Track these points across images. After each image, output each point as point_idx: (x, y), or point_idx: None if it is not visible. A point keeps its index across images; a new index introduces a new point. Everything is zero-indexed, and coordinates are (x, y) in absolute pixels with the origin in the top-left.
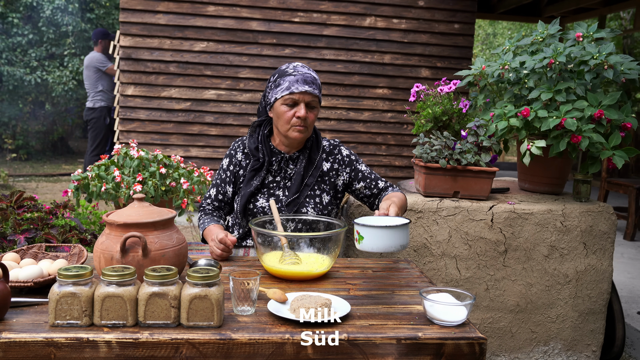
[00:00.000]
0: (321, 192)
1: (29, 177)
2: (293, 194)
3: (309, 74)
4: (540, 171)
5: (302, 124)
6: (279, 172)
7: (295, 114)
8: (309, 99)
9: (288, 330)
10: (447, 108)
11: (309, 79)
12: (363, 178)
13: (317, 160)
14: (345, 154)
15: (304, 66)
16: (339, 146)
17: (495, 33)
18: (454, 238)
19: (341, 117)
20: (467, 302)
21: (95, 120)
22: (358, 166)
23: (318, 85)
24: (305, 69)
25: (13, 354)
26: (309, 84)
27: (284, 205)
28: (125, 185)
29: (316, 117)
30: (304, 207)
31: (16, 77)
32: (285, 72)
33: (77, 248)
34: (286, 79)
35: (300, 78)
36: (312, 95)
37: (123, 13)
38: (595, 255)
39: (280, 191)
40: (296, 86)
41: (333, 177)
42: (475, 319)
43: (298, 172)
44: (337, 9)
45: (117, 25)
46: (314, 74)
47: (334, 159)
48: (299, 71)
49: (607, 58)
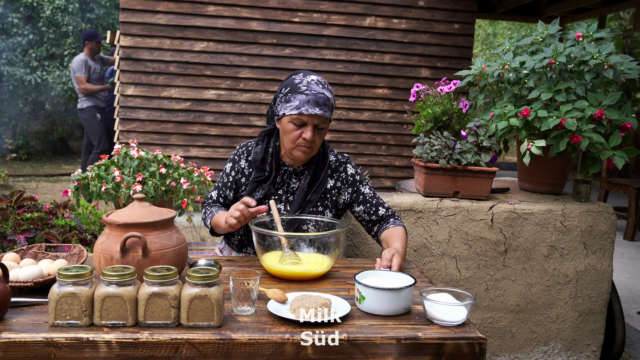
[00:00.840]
0: (324, 208)
1: (29, 177)
2: (294, 210)
3: (322, 95)
4: (540, 171)
5: (308, 145)
6: (282, 186)
7: (302, 134)
8: (317, 122)
9: (288, 330)
10: (447, 108)
11: (322, 100)
12: (364, 202)
13: (322, 177)
14: (350, 173)
15: (319, 82)
16: (345, 163)
17: (495, 33)
18: (454, 238)
19: (341, 117)
20: (467, 302)
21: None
22: (361, 188)
23: (330, 105)
24: (319, 87)
25: (13, 354)
26: (321, 106)
27: (284, 221)
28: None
29: (323, 137)
30: (305, 224)
31: (16, 77)
32: (297, 89)
33: (77, 248)
34: (297, 97)
35: (312, 99)
36: (322, 118)
37: (123, 13)
38: (595, 255)
39: (282, 205)
40: (306, 107)
41: (335, 195)
42: (475, 319)
43: (302, 188)
44: (337, 9)
45: (117, 25)
46: (329, 94)
47: (339, 176)
48: (312, 90)
49: (607, 58)
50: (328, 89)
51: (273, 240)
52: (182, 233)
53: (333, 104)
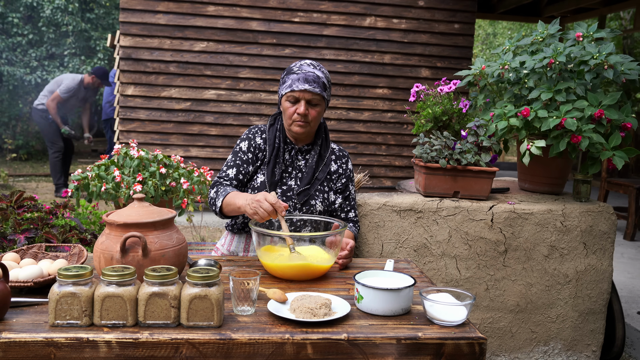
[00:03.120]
0: (329, 189)
1: (29, 177)
2: (305, 184)
3: (311, 73)
4: (540, 171)
5: (303, 119)
6: (291, 163)
7: (297, 110)
8: (309, 97)
9: (288, 330)
10: (447, 108)
11: (311, 77)
12: (346, 198)
13: (327, 158)
14: (350, 168)
15: (310, 64)
16: (347, 157)
17: (495, 33)
18: (454, 238)
19: (341, 117)
20: (467, 302)
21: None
22: (349, 185)
23: (321, 83)
24: (310, 68)
25: (13, 354)
26: (310, 82)
27: (294, 193)
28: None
29: (319, 113)
30: (313, 199)
31: (16, 77)
32: (291, 70)
33: (77, 248)
34: (290, 77)
35: (302, 77)
36: (312, 93)
37: (123, 13)
38: (595, 255)
39: (292, 181)
40: (297, 84)
41: (336, 179)
42: (475, 319)
43: (310, 165)
44: (337, 9)
45: (117, 25)
46: (319, 72)
47: (341, 165)
48: (302, 70)
49: (607, 58)
50: (320, 69)
51: (273, 240)
52: (182, 233)
53: (325, 83)
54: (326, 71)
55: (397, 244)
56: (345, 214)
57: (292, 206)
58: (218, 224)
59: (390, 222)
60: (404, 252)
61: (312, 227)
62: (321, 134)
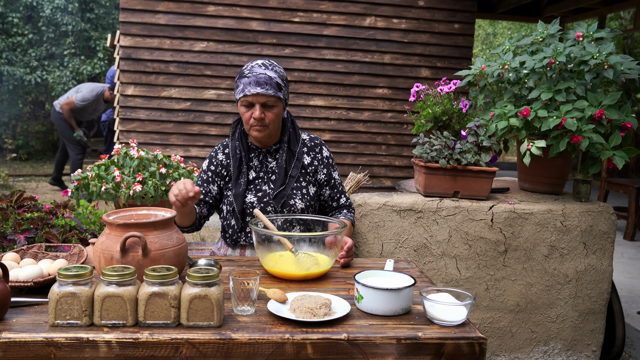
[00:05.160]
0: (307, 184)
1: (29, 177)
2: (279, 186)
3: (262, 75)
4: (540, 171)
5: (259, 124)
6: (261, 168)
7: (252, 114)
8: (263, 100)
9: (288, 330)
10: (447, 108)
11: (262, 79)
12: (333, 186)
13: (298, 153)
14: (325, 155)
15: (262, 65)
16: (320, 145)
17: (495, 33)
18: (454, 238)
19: (341, 117)
20: (467, 302)
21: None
22: (332, 172)
23: (274, 84)
24: (262, 69)
25: (13, 353)
26: (262, 85)
27: (271, 198)
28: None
29: (277, 114)
30: (291, 199)
31: (16, 77)
32: (242, 74)
33: (77, 248)
34: (242, 81)
35: (253, 80)
36: (265, 96)
37: (123, 13)
38: (595, 255)
39: (266, 185)
40: (249, 88)
41: (313, 172)
42: (475, 319)
43: (280, 165)
44: (337, 9)
45: (117, 25)
46: (271, 73)
47: (315, 155)
48: (253, 72)
49: (607, 58)
50: (273, 69)
51: (273, 240)
52: (182, 233)
53: (280, 82)
54: (280, 69)
55: (397, 244)
56: (337, 202)
57: (272, 210)
58: (218, 224)
59: (390, 222)
60: (404, 252)
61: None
62: (287, 129)
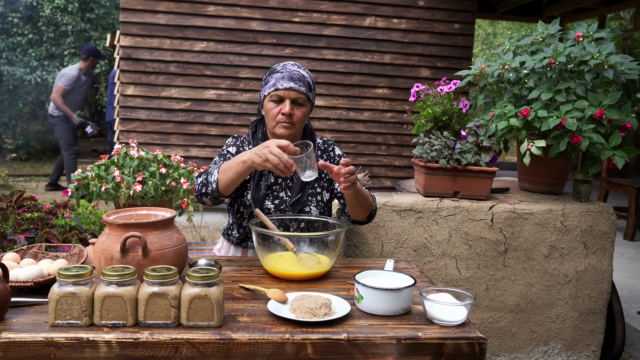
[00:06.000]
0: (322, 189)
1: (29, 177)
2: (296, 193)
3: (296, 72)
4: (540, 171)
5: (288, 120)
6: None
7: (281, 110)
8: (294, 96)
9: (288, 330)
10: (447, 108)
11: (296, 76)
12: None
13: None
14: (338, 154)
15: (295, 64)
16: (333, 145)
17: (495, 33)
18: (454, 238)
19: (341, 117)
20: (467, 302)
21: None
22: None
23: (306, 83)
24: (295, 67)
25: (13, 354)
26: (295, 80)
27: (288, 205)
28: (125, 185)
29: (305, 115)
30: (306, 206)
31: (16, 77)
32: (274, 70)
33: (77, 248)
34: (274, 76)
35: (286, 75)
36: (297, 92)
37: (123, 13)
38: (595, 255)
39: (283, 192)
40: (281, 82)
41: (327, 174)
42: (475, 319)
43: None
44: (337, 9)
45: (117, 25)
46: (304, 72)
47: (328, 156)
48: (287, 69)
49: (607, 58)
50: (305, 70)
51: (273, 240)
52: (182, 233)
53: (310, 83)
54: (309, 73)
55: (397, 244)
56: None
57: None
58: (218, 224)
59: (390, 222)
60: (404, 252)
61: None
62: (307, 135)
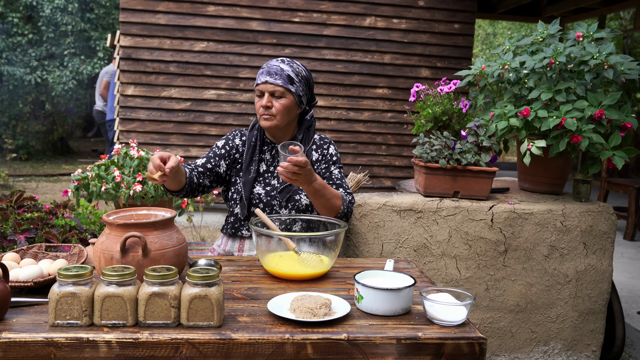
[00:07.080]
0: None
1: (29, 177)
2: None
3: (275, 66)
4: (540, 171)
5: (267, 112)
6: (272, 162)
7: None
8: (271, 89)
9: (288, 330)
10: (447, 108)
11: (273, 70)
12: (329, 178)
13: (307, 151)
14: (331, 153)
15: (280, 60)
16: (329, 143)
17: (495, 33)
18: (454, 238)
19: (341, 117)
20: (467, 302)
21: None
22: (332, 168)
23: (285, 76)
24: (277, 62)
25: (13, 354)
26: (271, 74)
27: (277, 192)
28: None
29: (286, 106)
30: (296, 194)
31: (16, 77)
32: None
33: (77, 248)
34: (259, 73)
35: (265, 70)
36: (273, 84)
37: (123, 13)
38: (595, 255)
39: (275, 180)
40: (260, 77)
41: (316, 168)
42: (475, 319)
43: None
44: (337, 9)
45: (117, 25)
46: (286, 66)
47: (321, 152)
48: (269, 64)
49: (607, 58)
50: (289, 64)
51: (273, 240)
52: (182, 233)
53: (292, 76)
54: (299, 67)
55: (397, 244)
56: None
57: (278, 204)
58: (218, 224)
59: (390, 222)
60: (404, 252)
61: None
62: (303, 129)
